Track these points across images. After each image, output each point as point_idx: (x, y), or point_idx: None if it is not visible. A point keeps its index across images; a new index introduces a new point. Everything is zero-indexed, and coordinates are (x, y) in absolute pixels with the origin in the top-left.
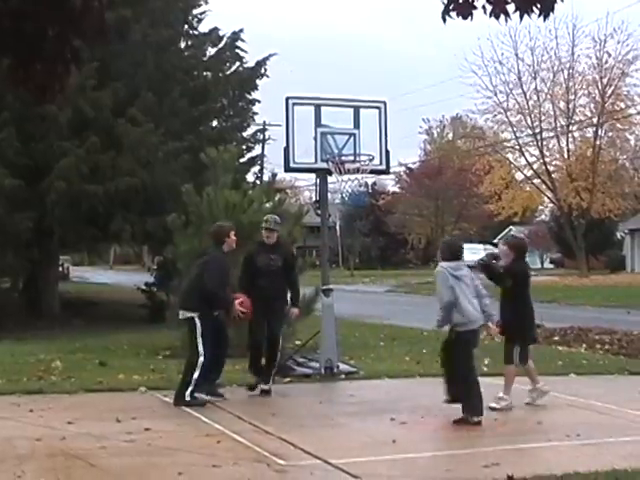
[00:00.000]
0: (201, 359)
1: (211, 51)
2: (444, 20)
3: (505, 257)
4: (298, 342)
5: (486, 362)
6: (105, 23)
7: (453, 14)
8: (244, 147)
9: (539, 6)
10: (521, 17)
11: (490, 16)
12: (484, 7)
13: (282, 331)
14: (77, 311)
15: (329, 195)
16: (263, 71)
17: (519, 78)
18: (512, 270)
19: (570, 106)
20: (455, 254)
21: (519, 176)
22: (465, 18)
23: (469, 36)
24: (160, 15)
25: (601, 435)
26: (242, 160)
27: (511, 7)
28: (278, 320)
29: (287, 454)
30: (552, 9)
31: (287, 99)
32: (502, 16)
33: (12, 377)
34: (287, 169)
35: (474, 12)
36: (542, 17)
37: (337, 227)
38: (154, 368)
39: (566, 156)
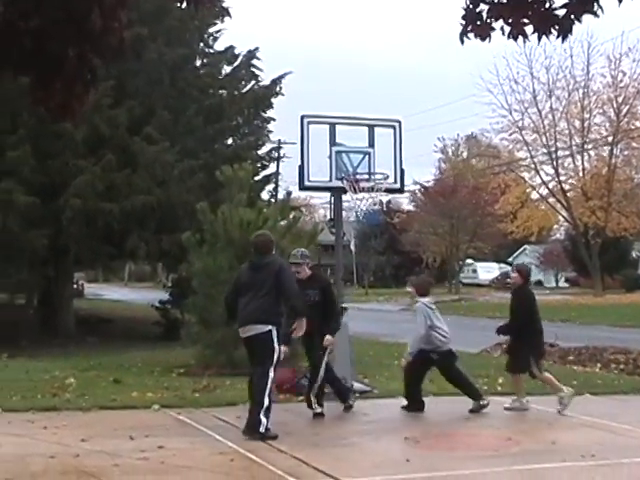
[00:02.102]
0: (271, 375)
1: (227, 69)
2: (462, 41)
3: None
4: None
5: (500, 381)
6: (124, 42)
7: (471, 35)
8: (259, 165)
9: (557, 27)
10: (539, 39)
11: (509, 37)
12: (502, 28)
13: (322, 362)
14: (91, 328)
15: (344, 213)
16: (278, 89)
17: (534, 97)
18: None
19: (585, 125)
20: (428, 290)
21: (534, 195)
22: (483, 40)
23: (485, 55)
24: (176, 34)
25: (616, 456)
26: (257, 178)
27: (529, 29)
28: (317, 352)
29: (301, 473)
30: (570, 31)
31: (302, 117)
32: (520, 37)
33: (26, 394)
34: (302, 187)
35: (492, 33)
36: (561, 38)
37: (352, 245)
38: (168, 386)
39: (581, 175)
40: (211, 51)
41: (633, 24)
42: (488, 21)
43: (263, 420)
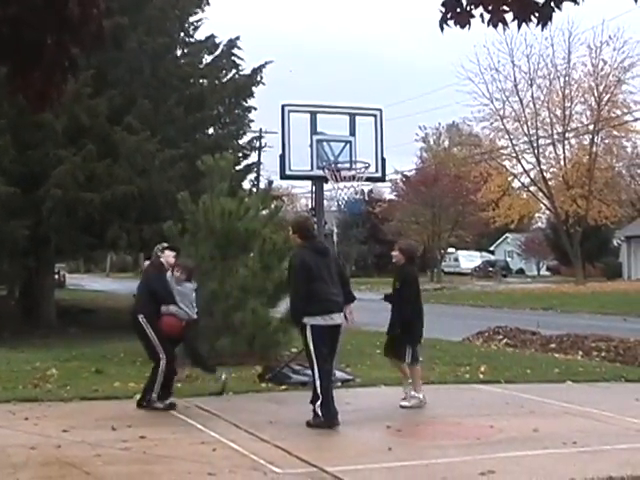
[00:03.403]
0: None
1: (207, 59)
2: (442, 29)
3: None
4: (294, 350)
5: (482, 369)
6: (103, 31)
7: (451, 23)
8: (240, 154)
9: (537, 15)
10: (519, 26)
11: (488, 25)
12: (482, 16)
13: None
14: (73, 319)
15: (325, 202)
16: (259, 78)
17: (515, 86)
18: (402, 273)
19: (566, 113)
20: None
21: (516, 184)
22: (463, 27)
23: (466, 44)
24: (156, 23)
25: (597, 443)
26: (238, 168)
27: (509, 16)
28: None
29: (283, 462)
30: (550, 18)
31: (283, 106)
32: (500, 25)
33: (7, 385)
34: (283, 176)
35: (472, 21)
36: (540, 26)
37: (334, 235)
38: None
39: (562, 163)
40: (192, 40)
41: (613, 12)
42: (468, 8)
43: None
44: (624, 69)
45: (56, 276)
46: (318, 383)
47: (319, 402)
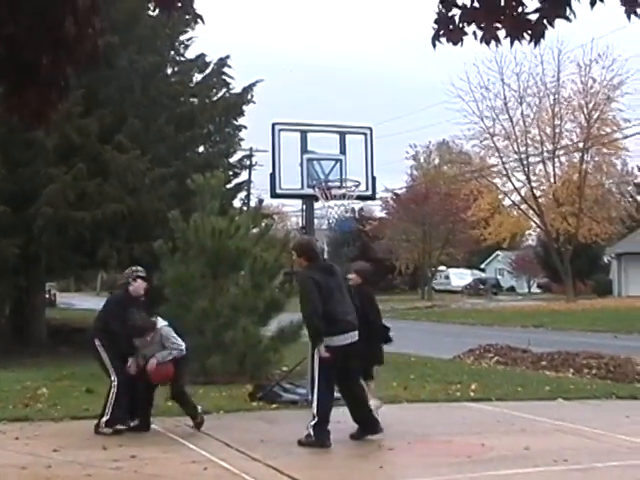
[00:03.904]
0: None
1: (198, 77)
2: (434, 46)
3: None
4: (285, 368)
5: (473, 387)
6: (98, 50)
7: (443, 40)
8: (231, 173)
9: (530, 32)
10: (512, 43)
11: (481, 42)
12: (475, 33)
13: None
14: (64, 338)
15: (316, 221)
16: (249, 97)
17: (505, 104)
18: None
19: (556, 131)
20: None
21: (506, 202)
22: (455, 44)
23: (456, 62)
24: (147, 42)
25: (589, 460)
26: (229, 186)
27: (502, 33)
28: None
29: None
30: (543, 35)
31: (273, 125)
32: (492, 42)
33: None
34: (273, 195)
35: (464, 38)
36: (533, 43)
37: (324, 253)
38: None
39: (553, 181)
40: (182, 59)
41: (602, 31)
42: (460, 25)
43: None
44: (613, 87)
45: (47, 295)
46: (315, 404)
47: (313, 422)
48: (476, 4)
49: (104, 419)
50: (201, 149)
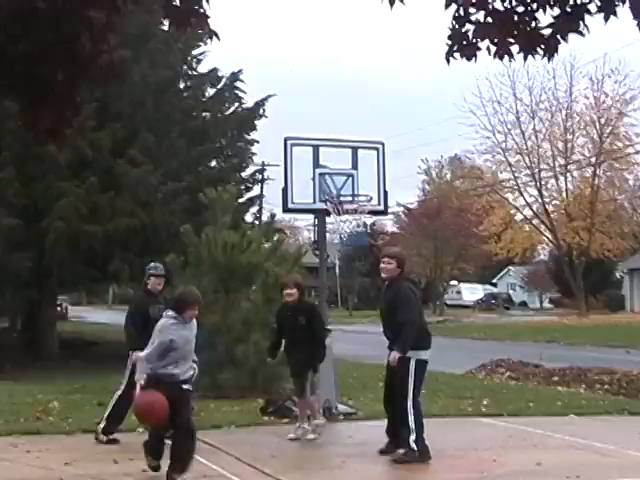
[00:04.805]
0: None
1: (210, 92)
2: (448, 61)
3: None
4: None
5: (485, 402)
6: (113, 65)
7: (457, 55)
8: (243, 187)
9: (543, 47)
10: (525, 58)
11: (494, 57)
12: (488, 48)
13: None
14: (76, 351)
15: (328, 235)
16: (262, 112)
17: (517, 118)
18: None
19: (568, 146)
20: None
21: (518, 216)
22: (469, 59)
23: (468, 76)
24: (159, 56)
25: (600, 476)
26: (241, 200)
27: (515, 48)
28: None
29: None
30: (556, 50)
31: (285, 140)
32: (506, 57)
33: (9, 417)
34: (285, 209)
35: (478, 53)
36: (546, 58)
37: (336, 267)
38: None
39: (565, 196)
40: (195, 73)
41: (615, 45)
42: (474, 41)
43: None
44: (626, 102)
45: (58, 308)
46: (412, 418)
47: (413, 437)
48: (489, 19)
49: (100, 426)
50: (213, 163)
